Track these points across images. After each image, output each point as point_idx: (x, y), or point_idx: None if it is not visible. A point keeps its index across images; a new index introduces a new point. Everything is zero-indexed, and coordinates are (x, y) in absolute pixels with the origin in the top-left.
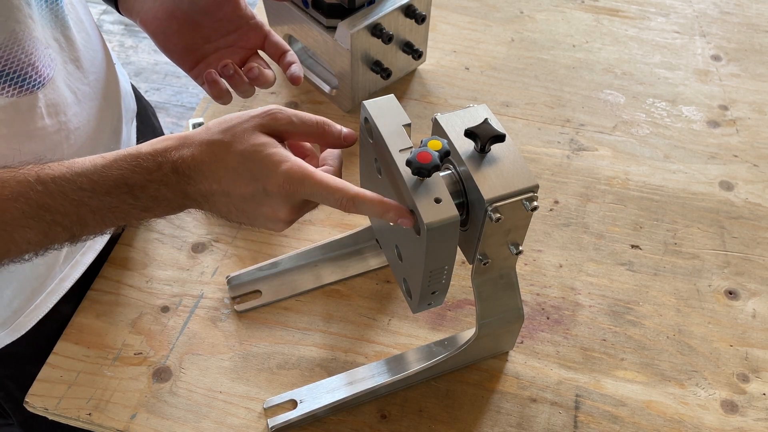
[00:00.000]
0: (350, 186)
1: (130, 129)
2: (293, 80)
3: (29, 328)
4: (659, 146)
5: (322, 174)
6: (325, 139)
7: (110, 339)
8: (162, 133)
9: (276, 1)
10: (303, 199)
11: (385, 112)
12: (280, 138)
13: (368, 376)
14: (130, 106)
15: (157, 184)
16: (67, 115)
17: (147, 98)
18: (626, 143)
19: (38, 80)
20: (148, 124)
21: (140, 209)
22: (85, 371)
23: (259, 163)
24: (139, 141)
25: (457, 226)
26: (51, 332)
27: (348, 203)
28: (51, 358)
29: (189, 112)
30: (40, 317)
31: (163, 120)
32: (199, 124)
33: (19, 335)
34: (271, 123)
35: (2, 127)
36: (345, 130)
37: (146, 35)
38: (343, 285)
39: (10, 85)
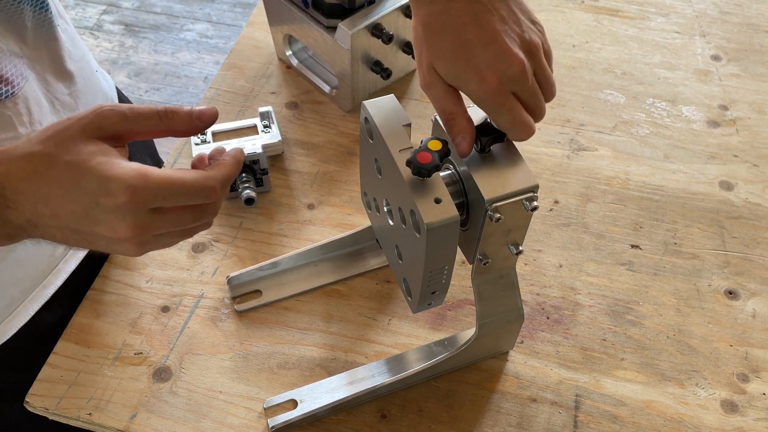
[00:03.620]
0: (211, 173)
1: None
2: (203, 116)
3: (9, 336)
4: (659, 146)
5: (169, 172)
6: (175, 127)
7: (110, 339)
8: (152, 142)
9: None
10: (150, 210)
11: (385, 112)
12: (116, 139)
13: (368, 376)
14: None
15: None
16: (43, 124)
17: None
18: (626, 143)
19: (8, 90)
20: None
21: None
22: (85, 371)
23: (88, 176)
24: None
25: (457, 226)
26: (32, 340)
27: (212, 191)
28: (51, 358)
29: None
30: (21, 325)
31: None
32: None
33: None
34: (101, 123)
35: None
36: (197, 108)
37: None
38: (343, 285)
39: None
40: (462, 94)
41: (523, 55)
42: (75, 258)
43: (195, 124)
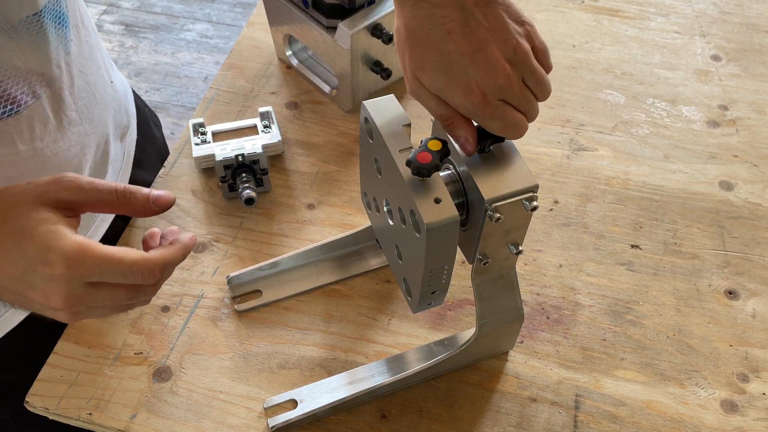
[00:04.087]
0: (152, 255)
1: (119, 146)
2: (159, 201)
3: (2, 335)
4: (659, 146)
5: (110, 249)
6: (131, 207)
7: (110, 339)
8: (163, 145)
9: None
10: (85, 283)
11: (385, 112)
12: (70, 209)
13: (368, 376)
14: (121, 122)
15: None
16: (45, 141)
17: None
18: (626, 143)
19: (12, 108)
20: (148, 135)
21: None
22: (85, 371)
23: (31, 242)
24: (137, 153)
25: (456, 226)
26: (29, 342)
27: (151, 274)
28: (51, 358)
29: (189, 112)
30: (15, 325)
31: (164, 120)
32: (200, 125)
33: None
34: (56, 193)
35: None
36: (155, 192)
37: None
38: (343, 285)
39: None
40: None
41: (509, 65)
42: None
43: (150, 208)
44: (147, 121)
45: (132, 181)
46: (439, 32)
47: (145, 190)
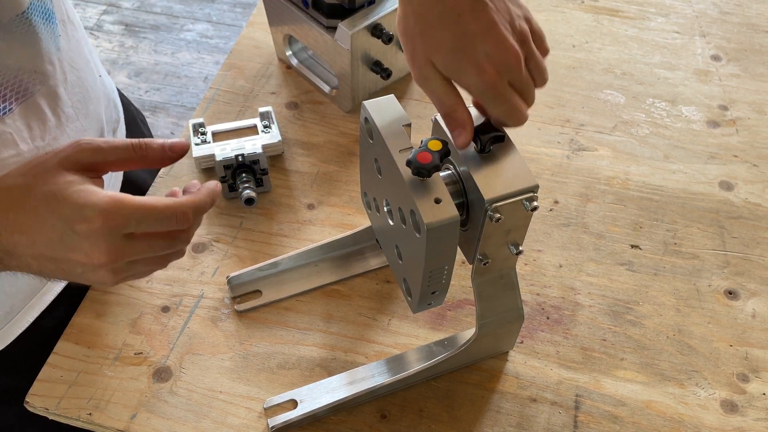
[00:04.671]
0: (183, 200)
1: None
2: (175, 148)
3: (9, 342)
4: (659, 146)
5: (141, 198)
6: (148, 159)
7: (110, 339)
8: None
9: None
10: (123, 235)
11: (385, 112)
12: (93, 170)
13: (368, 376)
14: (112, 116)
15: None
16: (45, 139)
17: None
18: (626, 143)
19: (5, 106)
20: (137, 132)
21: None
22: (85, 371)
23: (65, 203)
24: None
25: (457, 226)
26: (32, 346)
27: (185, 217)
28: (51, 358)
29: (189, 112)
30: (21, 331)
31: (164, 120)
32: (200, 125)
33: (12, 339)
34: (77, 156)
35: None
36: (170, 141)
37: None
38: (343, 285)
39: None
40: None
41: (517, 45)
42: None
43: (167, 155)
44: (134, 119)
45: (125, 179)
46: (451, 15)
47: (159, 140)
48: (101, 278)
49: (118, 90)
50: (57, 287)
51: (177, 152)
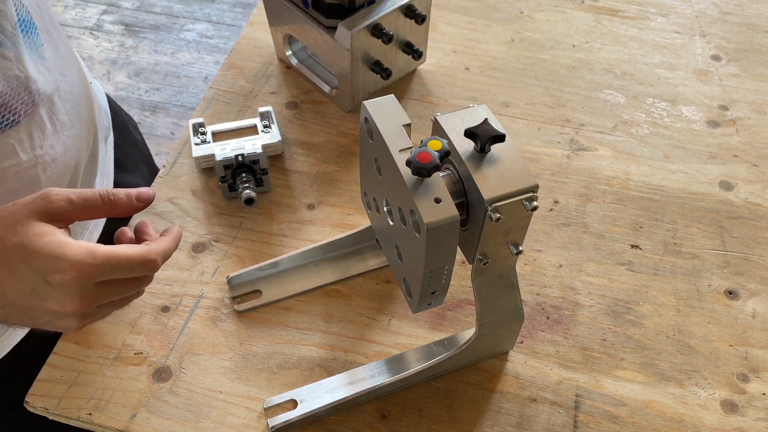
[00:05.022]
0: (152, 248)
1: (105, 148)
2: (141, 197)
3: (6, 352)
4: (659, 146)
5: (112, 247)
6: (116, 208)
7: (110, 339)
8: (144, 147)
9: None
10: (96, 283)
11: (385, 112)
12: (61, 220)
13: (368, 376)
14: (104, 123)
15: None
16: (44, 148)
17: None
18: (626, 143)
19: (13, 119)
20: (128, 138)
21: None
22: (85, 371)
23: (37, 255)
24: (117, 157)
25: (457, 225)
26: (29, 353)
27: (154, 264)
28: (51, 358)
29: (189, 112)
30: (18, 340)
31: (164, 120)
32: (200, 125)
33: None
34: (46, 207)
35: None
36: (136, 191)
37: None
38: (343, 285)
39: None
40: None
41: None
42: None
43: (134, 204)
44: (125, 124)
45: (117, 185)
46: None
47: (125, 190)
48: (69, 325)
49: (108, 97)
50: None
51: (143, 201)
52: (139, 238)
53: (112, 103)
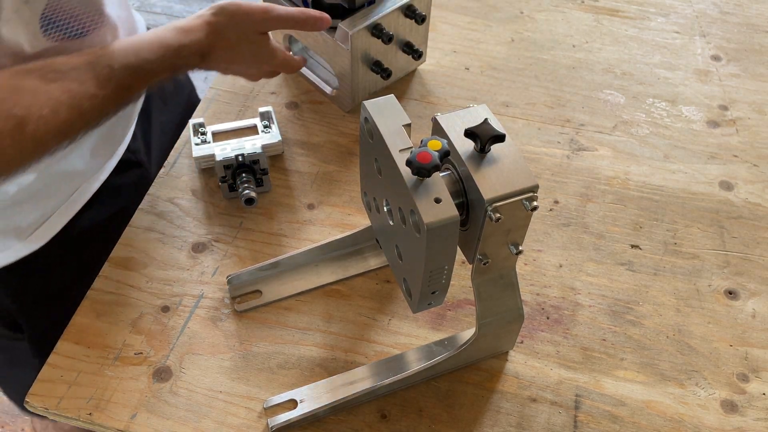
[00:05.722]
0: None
1: None
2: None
3: (48, 240)
4: (659, 146)
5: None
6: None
7: (110, 339)
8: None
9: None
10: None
11: (385, 112)
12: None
13: (368, 376)
14: None
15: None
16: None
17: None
18: (626, 143)
19: (79, 31)
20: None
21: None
22: (85, 371)
23: (264, 47)
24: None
25: (456, 226)
26: (68, 244)
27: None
28: (51, 358)
29: None
30: (59, 230)
31: None
32: (200, 125)
33: (37, 247)
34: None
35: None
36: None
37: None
38: (343, 285)
39: (55, 31)
40: None
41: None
42: (115, 156)
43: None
44: None
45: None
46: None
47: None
48: (251, 75)
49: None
50: (95, 184)
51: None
52: None
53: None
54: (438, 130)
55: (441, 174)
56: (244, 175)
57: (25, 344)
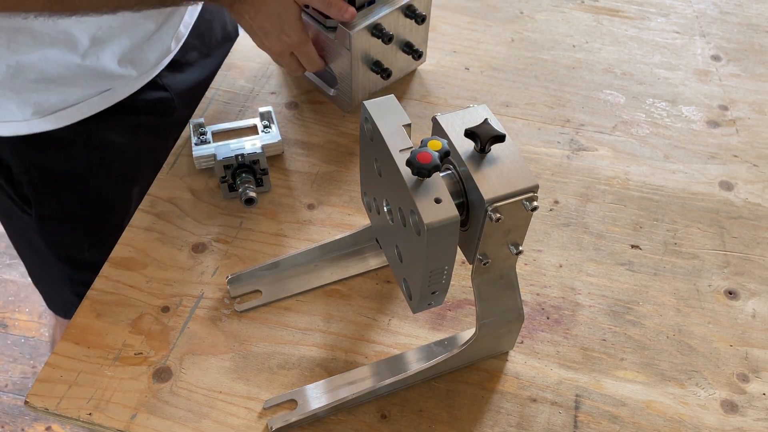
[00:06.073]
0: None
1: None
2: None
3: (65, 124)
4: (659, 146)
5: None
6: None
7: (110, 339)
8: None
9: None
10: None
11: (385, 112)
12: None
13: (368, 376)
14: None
15: None
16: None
17: None
18: (626, 143)
19: None
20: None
21: None
22: (85, 371)
23: (292, 14)
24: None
25: (457, 226)
26: (87, 134)
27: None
28: (51, 358)
29: None
30: (79, 119)
31: None
32: (200, 124)
33: (54, 127)
34: None
35: None
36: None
37: None
38: (343, 285)
39: None
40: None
41: None
42: (132, 86)
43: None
44: None
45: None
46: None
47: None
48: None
49: None
50: (116, 95)
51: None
52: None
53: None
54: (438, 130)
55: (441, 174)
56: (244, 175)
57: (32, 222)
